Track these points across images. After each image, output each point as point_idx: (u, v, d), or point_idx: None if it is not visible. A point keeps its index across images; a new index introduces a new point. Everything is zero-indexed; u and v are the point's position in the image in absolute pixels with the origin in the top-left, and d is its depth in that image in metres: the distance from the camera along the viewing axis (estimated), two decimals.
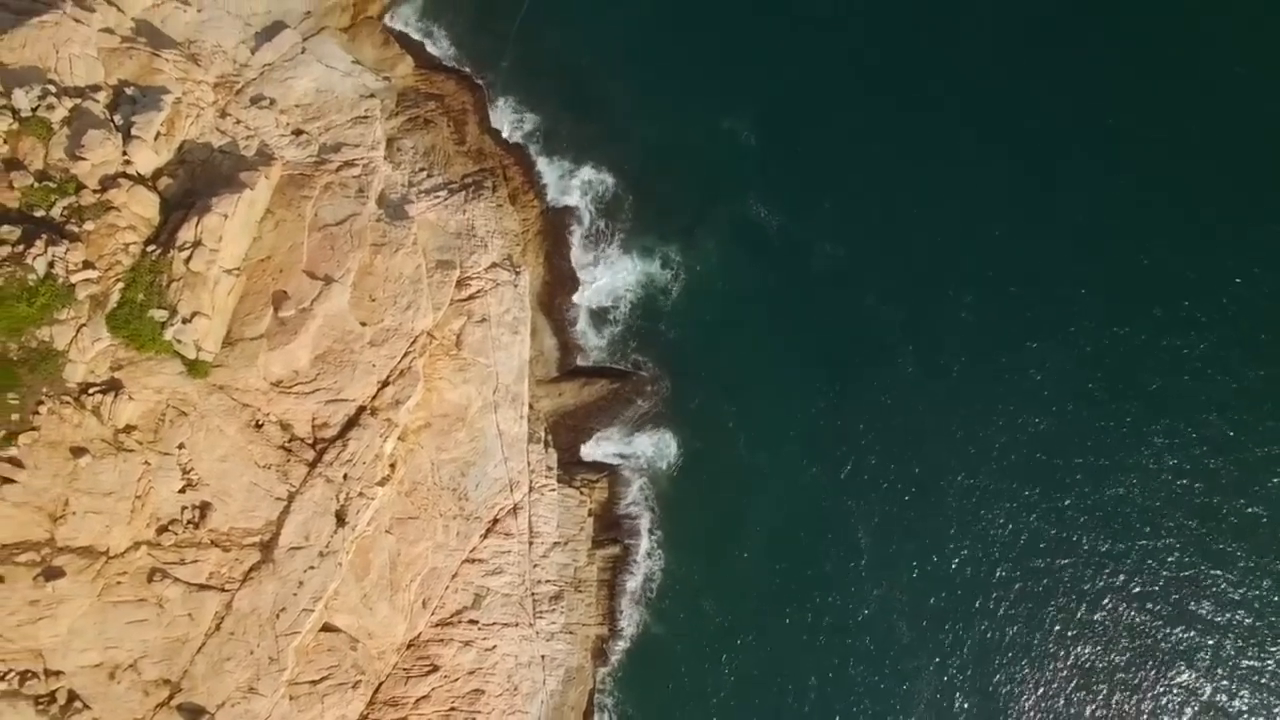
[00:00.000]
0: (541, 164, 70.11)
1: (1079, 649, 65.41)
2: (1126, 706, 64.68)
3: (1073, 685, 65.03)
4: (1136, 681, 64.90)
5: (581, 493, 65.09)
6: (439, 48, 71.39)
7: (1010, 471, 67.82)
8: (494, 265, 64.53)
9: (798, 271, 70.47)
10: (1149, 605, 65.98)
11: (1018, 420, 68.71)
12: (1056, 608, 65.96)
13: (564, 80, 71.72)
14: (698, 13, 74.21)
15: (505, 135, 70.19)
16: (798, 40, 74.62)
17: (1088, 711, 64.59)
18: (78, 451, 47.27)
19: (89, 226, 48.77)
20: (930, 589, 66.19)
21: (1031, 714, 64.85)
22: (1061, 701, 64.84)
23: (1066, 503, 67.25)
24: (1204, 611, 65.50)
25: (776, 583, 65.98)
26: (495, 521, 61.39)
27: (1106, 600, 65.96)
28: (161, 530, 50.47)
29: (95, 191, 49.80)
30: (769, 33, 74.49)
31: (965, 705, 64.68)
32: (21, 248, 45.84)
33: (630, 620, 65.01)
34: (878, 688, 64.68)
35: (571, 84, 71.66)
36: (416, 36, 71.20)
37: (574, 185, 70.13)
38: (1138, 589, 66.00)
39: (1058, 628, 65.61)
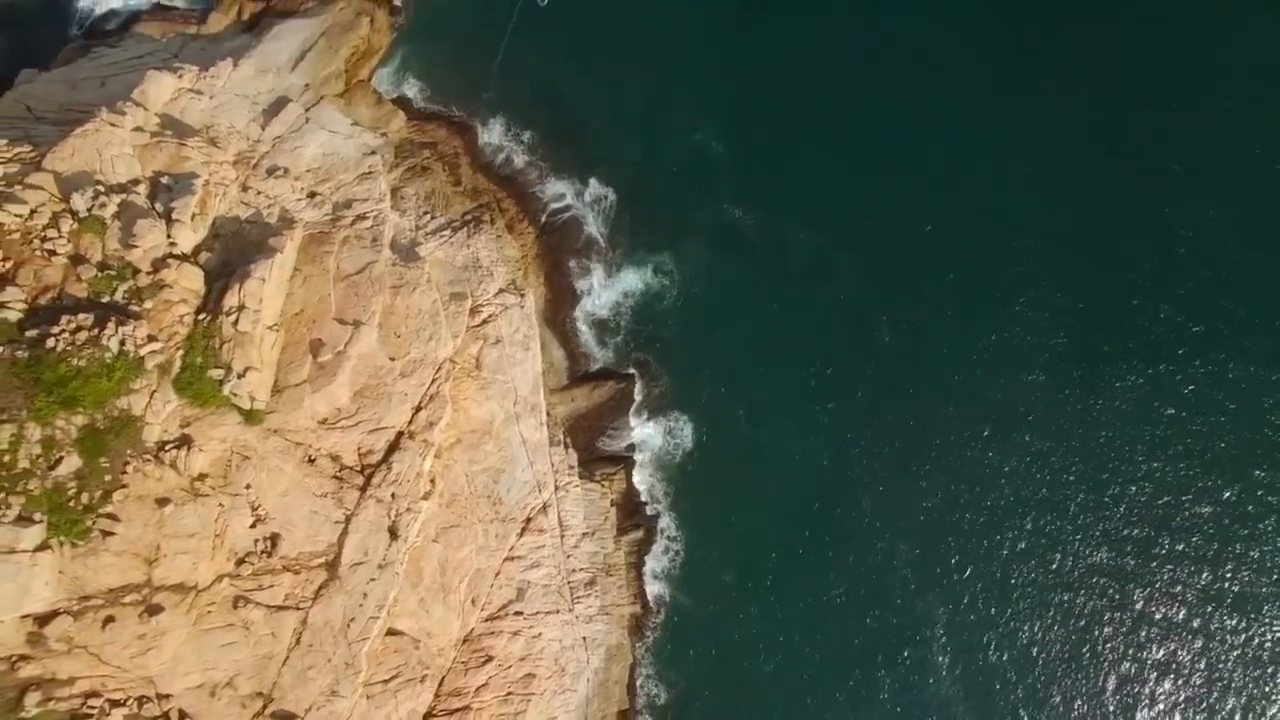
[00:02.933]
0: (532, 192, 73.58)
1: (1073, 588, 70.06)
2: (1129, 635, 69.33)
3: (1072, 623, 69.57)
4: (1135, 610, 69.71)
5: (602, 485, 68.85)
6: (426, 99, 75.11)
7: (992, 423, 72.53)
8: (501, 291, 67.94)
9: (779, 262, 74.81)
10: (1132, 543, 70.73)
11: (998, 377, 73.49)
12: (1048, 544, 70.62)
13: (544, 112, 75.51)
14: (656, 40, 78.41)
15: (496, 170, 73.74)
16: (750, 53, 79.34)
17: (1090, 643, 69.24)
18: (162, 502, 50.25)
19: (148, 304, 52.03)
20: (932, 538, 70.54)
21: (1037, 645, 69.10)
22: (1065, 633, 69.27)
23: (1047, 446, 72.05)
24: (1213, 574, 70.06)
25: (789, 548, 69.84)
26: (528, 521, 64.72)
27: (1097, 535, 70.65)
28: (240, 562, 53.42)
29: (149, 273, 53.00)
30: (723, 49, 79.04)
31: (973, 640, 68.89)
32: (96, 331, 49.11)
33: (660, 596, 68.78)
34: (891, 633, 68.87)
35: (551, 116, 75.43)
36: (405, 92, 75.04)
37: (563, 207, 73.86)
38: (1122, 528, 70.86)
39: (1053, 564, 70.33)
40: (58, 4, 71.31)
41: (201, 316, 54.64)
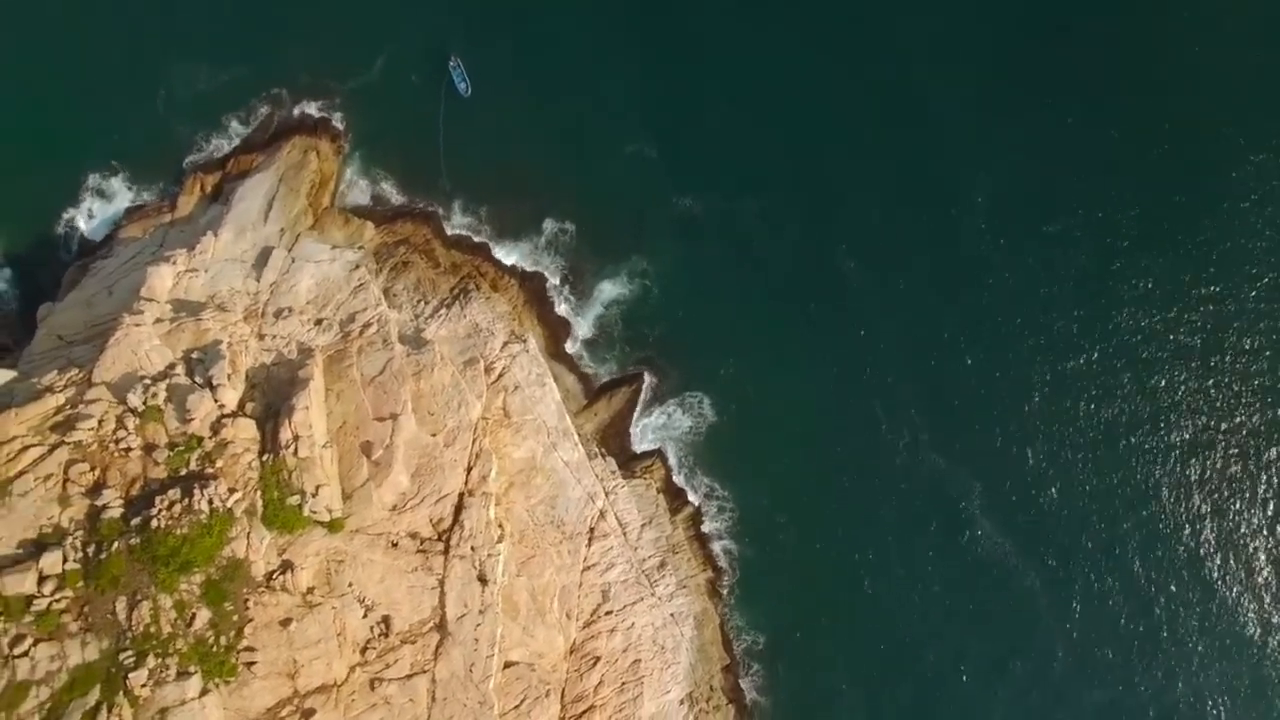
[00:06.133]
0: (501, 251, 79.26)
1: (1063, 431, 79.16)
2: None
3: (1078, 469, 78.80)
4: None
5: (645, 478, 75.82)
6: (386, 202, 79.66)
7: (963, 316, 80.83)
8: (505, 344, 73.64)
9: (737, 234, 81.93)
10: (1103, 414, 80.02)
11: (956, 295, 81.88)
12: (1049, 403, 79.59)
13: (492, 179, 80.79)
14: (566, 89, 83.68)
15: (466, 242, 79.01)
16: (651, 67, 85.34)
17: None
18: (285, 622, 56.18)
19: (219, 463, 58.03)
20: (944, 422, 78.79)
21: (1067, 494, 78.22)
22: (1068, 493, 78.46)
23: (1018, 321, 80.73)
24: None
25: (822, 476, 77.76)
26: (592, 531, 71.32)
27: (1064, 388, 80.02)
28: (363, 650, 59.50)
29: (210, 437, 59.01)
30: (625, 73, 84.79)
31: (1009, 501, 77.29)
32: (186, 501, 55.36)
33: (729, 553, 75.91)
34: (931, 511, 77.43)
35: (499, 180, 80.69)
36: (365, 203, 79.31)
37: (534, 253, 79.87)
38: (1081, 400, 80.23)
39: (1046, 419, 79.28)
40: (46, 236, 76.81)
41: (265, 457, 60.98)
